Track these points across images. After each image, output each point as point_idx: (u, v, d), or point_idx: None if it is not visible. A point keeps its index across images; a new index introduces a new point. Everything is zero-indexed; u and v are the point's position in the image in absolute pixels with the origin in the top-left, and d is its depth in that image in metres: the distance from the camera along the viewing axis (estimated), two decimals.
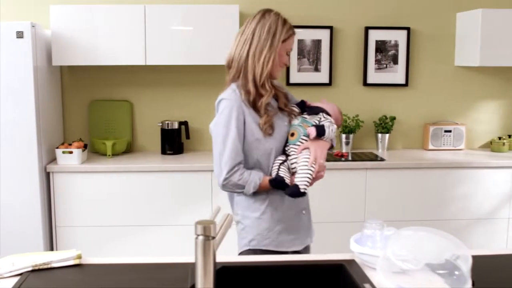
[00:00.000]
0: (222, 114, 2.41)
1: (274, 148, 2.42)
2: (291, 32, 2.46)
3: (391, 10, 4.58)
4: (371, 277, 1.85)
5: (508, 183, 4.24)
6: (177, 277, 1.85)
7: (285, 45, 2.44)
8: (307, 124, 2.45)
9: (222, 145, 2.38)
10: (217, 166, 2.41)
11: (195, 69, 4.46)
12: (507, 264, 2.08)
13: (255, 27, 2.42)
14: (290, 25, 2.46)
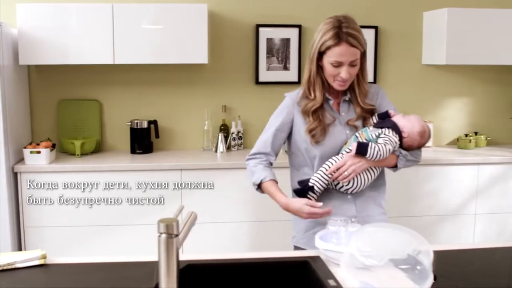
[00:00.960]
0: (278, 108, 2.54)
1: (319, 156, 2.43)
2: (330, 43, 2.29)
3: (359, 9, 4.62)
4: (335, 273, 1.88)
5: (474, 179, 4.31)
6: (142, 275, 1.85)
7: (326, 57, 2.33)
8: (364, 135, 2.39)
9: (263, 132, 2.56)
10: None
11: (164, 68, 4.46)
12: (471, 258, 2.12)
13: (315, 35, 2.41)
14: (332, 34, 2.30)
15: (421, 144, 2.49)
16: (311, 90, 2.43)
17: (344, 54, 2.30)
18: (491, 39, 4.42)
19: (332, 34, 2.29)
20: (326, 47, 2.31)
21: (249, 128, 4.59)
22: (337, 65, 2.31)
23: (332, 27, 2.31)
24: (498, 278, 1.93)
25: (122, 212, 3.98)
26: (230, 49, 4.52)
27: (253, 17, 4.51)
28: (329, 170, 2.35)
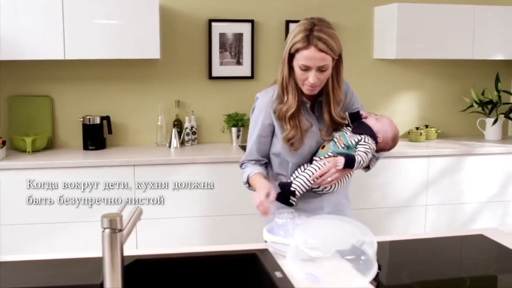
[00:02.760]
0: (253, 114, 2.48)
1: (295, 162, 2.42)
2: (299, 46, 2.22)
3: (312, 4, 4.65)
4: (282, 265, 1.90)
5: (425, 171, 4.39)
6: (89, 272, 1.84)
7: (295, 60, 2.27)
8: (342, 140, 2.37)
9: (248, 139, 2.52)
10: None
11: (116, 63, 4.42)
12: (415, 248, 2.17)
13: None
14: (301, 37, 2.22)
15: (392, 148, 2.51)
16: (285, 93, 2.36)
17: (312, 58, 2.22)
18: (440, 33, 4.50)
19: (302, 37, 2.22)
20: (295, 49, 2.24)
21: (202, 123, 4.59)
22: (305, 69, 2.25)
23: (304, 29, 2.23)
24: (439, 267, 1.98)
25: (75, 209, 3.93)
26: (183, 44, 4.51)
27: (205, 12, 4.50)
28: (312, 177, 2.35)
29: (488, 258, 2.11)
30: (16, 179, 3.85)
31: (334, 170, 2.32)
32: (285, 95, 2.36)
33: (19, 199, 3.83)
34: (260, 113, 2.43)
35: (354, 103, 2.56)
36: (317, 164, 2.37)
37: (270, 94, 2.43)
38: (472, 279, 1.86)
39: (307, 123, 2.40)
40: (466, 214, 4.53)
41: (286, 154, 2.41)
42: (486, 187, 4.53)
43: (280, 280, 1.78)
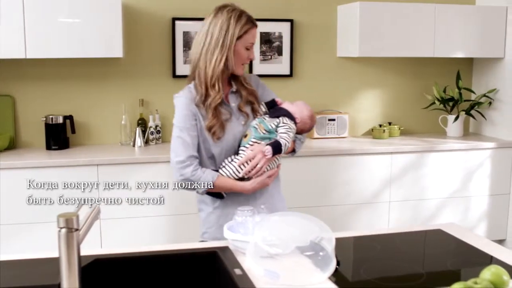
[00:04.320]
0: (176, 113, 2.46)
1: (224, 151, 2.45)
2: (248, 26, 2.41)
3: (275, 3, 4.67)
4: (242, 263, 1.91)
5: (388, 168, 4.45)
6: (50, 272, 1.83)
7: (242, 41, 2.40)
8: (262, 126, 2.44)
9: (174, 142, 2.44)
10: (172, 163, 2.46)
11: (79, 62, 4.38)
12: (373, 243, 2.20)
13: (208, 27, 2.43)
14: (246, 19, 2.41)
15: (311, 127, 2.65)
16: (216, 84, 2.40)
17: (255, 35, 2.47)
18: (402, 32, 4.56)
19: (246, 20, 2.41)
20: (244, 31, 2.39)
21: (167, 122, 4.57)
22: (250, 48, 2.44)
23: (240, 14, 2.41)
24: (397, 262, 2.01)
25: (39, 209, 3.89)
26: (147, 43, 4.50)
27: (169, 10, 4.49)
28: (238, 162, 2.40)
29: (444, 252, 2.14)
30: None
31: (261, 156, 2.39)
32: (216, 85, 2.40)
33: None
34: (182, 109, 2.45)
35: (268, 94, 2.66)
36: (243, 153, 2.43)
37: (189, 90, 2.48)
38: (428, 274, 1.89)
39: (226, 113, 2.47)
40: (428, 210, 4.60)
41: (212, 145, 2.44)
42: (448, 183, 4.61)
43: (239, 278, 1.79)
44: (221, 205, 2.52)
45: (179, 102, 2.48)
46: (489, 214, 4.76)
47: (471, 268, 1.98)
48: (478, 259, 2.03)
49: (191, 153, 2.41)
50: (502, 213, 4.79)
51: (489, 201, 4.74)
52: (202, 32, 2.45)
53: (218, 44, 2.38)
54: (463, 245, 2.17)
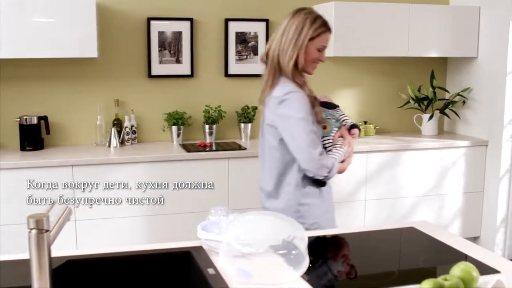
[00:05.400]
0: (298, 107, 2.53)
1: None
2: (321, 30, 2.57)
3: (250, 3, 4.68)
4: (215, 262, 1.91)
5: (364, 167, 4.47)
6: (20, 274, 1.82)
7: (314, 43, 2.56)
8: (333, 117, 2.69)
9: (308, 136, 2.52)
10: (307, 154, 2.53)
11: (53, 62, 4.34)
12: (347, 242, 2.22)
13: (285, 26, 2.60)
14: (321, 22, 2.58)
15: None
16: (302, 76, 2.61)
17: (328, 39, 2.63)
18: (377, 31, 4.59)
19: (321, 23, 2.58)
20: (317, 33, 2.55)
21: (142, 122, 4.57)
22: (321, 50, 2.61)
23: (316, 17, 2.58)
24: (370, 260, 2.03)
25: (13, 211, 3.87)
26: (121, 43, 4.48)
27: (144, 10, 4.48)
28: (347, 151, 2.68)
29: (417, 250, 2.17)
30: None
31: (351, 139, 2.73)
32: (302, 77, 2.61)
33: None
34: (304, 103, 2.55)
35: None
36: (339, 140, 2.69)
37: (292, 86, 2.57)
38: (400, 271, 1.91)
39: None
40: (404, 208, 4.64)
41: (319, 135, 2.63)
42: (423, 181, 4.65)
43: (212, 277, 1.79)
44: (322, 195, 2.71)
45: (298, 96, 2.55)
46: (464, 212, 4.82)
47: (442, 265, 2.00)
48: (449, 256, 2.05)
49: (320, 144, 2.60)
50: (476, 211, 4.85)
51: (463, 199, 4.80)
52: (280, 31, 2.62)
53: (292, 43, 2.55)
54: (435, 243, 2.20)
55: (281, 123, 2.57)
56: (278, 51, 2.57)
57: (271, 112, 2.61)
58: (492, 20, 4.71)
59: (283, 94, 2.53)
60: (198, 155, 4.15)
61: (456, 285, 1.55)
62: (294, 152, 2.56)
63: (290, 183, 2.64)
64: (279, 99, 2.54)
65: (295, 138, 2.54)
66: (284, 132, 2.57)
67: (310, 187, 2.65)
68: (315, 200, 2.67)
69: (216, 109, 4.58)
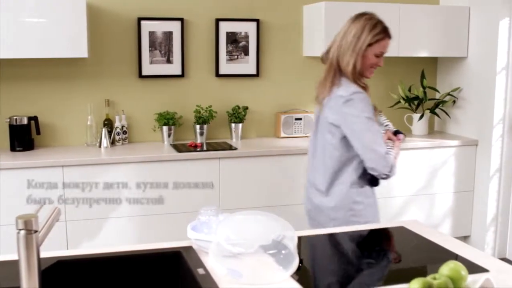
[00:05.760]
0: (362, 107, 2.61)
1: None
2: (380, 36, 2.64)
3: (241, 3, 4.68)
4: (205, 262, 1.92)
5: None
6: (9, 275, 1.82)
7: (373, 48, 2.64)
8: (378, 121, 2.76)
9: (374, 135, 2.61)
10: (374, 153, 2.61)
11: (43, 62, 4.33)
12: (337, 241, 2.22)
13: (346, 30, 2.69)
14: (381, 29, 2.65)
15: None
16: (362, 80, 2.70)
17: (387, 45, 2.71)
18: None
19: (381, 29, 2.65)
20: (375, 40, 2.63)
21: (133, 122, 4.56)
22: (379, 55, 2.68)
23: (376, 23, 2.66)
24: (360, 259, 2.04)
25: (3, 212, 3.86)
26: (112, 43, 4.47)
27: (134, 10, 4.47)
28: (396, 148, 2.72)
29: (407, 249, 2.17)
30: None
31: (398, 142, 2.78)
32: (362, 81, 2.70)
33: None
34: (368, 104, 2.65)
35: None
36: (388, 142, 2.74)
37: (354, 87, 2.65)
38: (390, 271, 1.92)
39: None
40: (394, 207, 4.65)
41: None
42: (413, 180, 4.66)
43: (202, 277, 1.79)
44: (375, 195, 2.84)
45: (363, 97, 2.64)
46: (454, 211, 4.83)
47: (432, 264, 2.00)
48: (439, 256, 2.06)
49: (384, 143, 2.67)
50: (466, 210, 4.87)
51: (453, 198, 4.81)
52: (340, 34, 2.70)
53: (350, 48, 2.63)
54: (424, 242, 2.20)
55: (346, 122, 2.63)
56: (338, 54, 2.67)
57: (334, 111, 2.67)
58: (482, 20, 4.73)
59: (349, 94, 2.61)
60: (189, 155, 4.14)
61: (445, 284, 1.56)
62: (360, 151, 2.63)
63: (345, 182, 2.71)
64: (345, 99, 2.62)
65: (362, 137, 2.61)
66: (349, 131, 2.64)
67: (365, 186, 2.75)
68: (369, 199, 2.77)
69: (207, 109, 4.58)
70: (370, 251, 2.14)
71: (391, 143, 2.73)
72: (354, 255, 2.08)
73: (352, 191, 2.72)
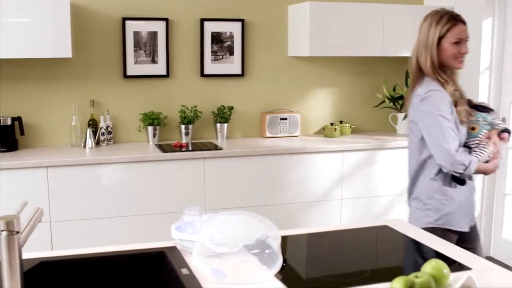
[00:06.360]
0: (439, 104, 2.68)
1: (462, 140, 2.73)
2: (449, 25, 2.73)
3: (226, 3, 4.68)
4: (189, 262, 1.92)
5: (339, 166, 4.50)
6: None
7: (446, 39, 2.73)
8: (485, 120, 2.77)
9: (445, 132, 2.65)
10: (442, 150, 2.65)
11: (27, 63, 4.30)
12: (321, 241, 2.23)
13: (419, 32, 2.81)
14: (447, 19, 2.73)
15: None
16: (445, 73, 2.74)
17: (462, 31, 2.76)
18: (352, 31, 4.62)
19: (448, 18, 2.74)
20: (446, 29, 2.72)
21: (118, 123, 4.54)
22: (457, 42, 2.73)
23: (442, 14, 2.76)
24: (343, 258, 2.04)
25: None
26: (96, 43, 4.45)
27: (119, 10, 4.45)
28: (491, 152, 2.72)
29: (390, 248, 2.19)
30: None
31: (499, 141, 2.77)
32: (443, 77, 2.73)
33: None
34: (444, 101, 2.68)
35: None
36: (485, 141, 2.75)
37: (434, 85, 2.72)
38: (372, 270, 1.92)
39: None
40: (380, 207, 4.67)
41: (463, 135, 2.75)
42: (398, 179, 4.68)
43: (185, 277, 1.79)
44: (456, 194, 2.78)
45: (438, 95, 2.70)
46: None
47: (415, 263, 2.02)
48: (422, 254, 2.07)
49: (458, 141, 2.69)
50: None
51: None
52: (416, 37, 2.82)
53: (423, 45, 2.75)
54: (408, 241, 2.22)
55: (421, 120, 2.73)
56: (416, 55, 2.78)
57: (413, 109, 2.78)
58: (466, 20, 4.73)
59: (424, 92, 2.70)
60: (174, 155, 4.14)
61: (427, 282, 1.57)
62: (430, 147, 2.71)
63: (426, 177, 2.79)
64: (421, 97, 2.71)
65: (432, 134, 2.69)
66: (423, 128, 2.73)
67: (444, 183, 2.76)
68: (445, 197, 2.77)
69: (192, 109, 4.58)
70: (353, 250, 2.15)
71: (485, 142, 2.74)
72: (337, 254, 2.08)
73: (430, 187, 2.79)
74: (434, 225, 2.76)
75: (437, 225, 2.76)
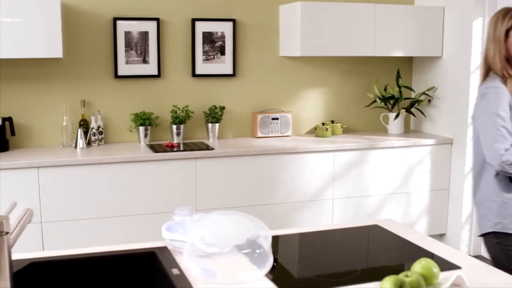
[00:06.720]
0: (494, 102, 2.61)
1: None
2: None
3: (217, 3, 4.68)
4: (179, 262, 1.91)
5: (331, 165, 4.51)
6: None
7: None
8: None
9: (497, 131, 2.58)
10: (490, 149, 2.59)
11: (17, 63, 4.29)
12: (313, 240, 2.23)
13: (488, 31, 2.74)
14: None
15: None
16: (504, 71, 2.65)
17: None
18: (343, 31, 4.63)
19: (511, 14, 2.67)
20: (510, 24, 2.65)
21: (109, 123, 4.54)
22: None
23: (507, 10, 2.69)
24: (334, 258, 2.05)
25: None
26: (87, 43, 4.44)
27: (110, 10, 4.45)
28: None
29: (380, 247, 2.19)
30: None
31: None
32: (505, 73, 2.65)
33: None
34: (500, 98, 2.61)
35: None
36: None
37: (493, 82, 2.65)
38: (362, 269, 1.93)
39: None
40: (371, 206, 4.68)
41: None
42: (389, 179, 4.70)
43: (176, 277, 1.79)
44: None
45: (496, 91, 2.63)
46: (430, 209, 4.88)
47: (405, 262, 2.02)
48: (412, 254, 2.08)
49: (511, 141, 2.59)
50: (442, 208, 4.91)
51: (429, 197, 4.86)
52: (486, 33, 2.78)
53: (491, 41, 2.70)
54: (398, 240, 2.22)
55: (478, 117, 2.69)
56: (486, 53, 2.73)
57: (475, 106, 2.74)
58: (456, 20, 4.77)
59: (484, 89, 2.67)
60: (166, 155, 4.13)
61: (417, 281, 1.58)
62: (482, 145, 2.66)
63: (487, 178, 2.70)
64: (480, 94, 2.69)
65: (485, 131, 2.64)
66: (479, 125, 2.68)
67: (503, 185, 2.67)
68: (504, 200, 2.66)
69: (183, 109, 4.57)
70: (344, 249, 2.15)
71: None
72: (328, 254, 2.09)
73: (490, 188, 2.70)
74: (494, 229, 2.66)
75: (497, 229, 2.65)
